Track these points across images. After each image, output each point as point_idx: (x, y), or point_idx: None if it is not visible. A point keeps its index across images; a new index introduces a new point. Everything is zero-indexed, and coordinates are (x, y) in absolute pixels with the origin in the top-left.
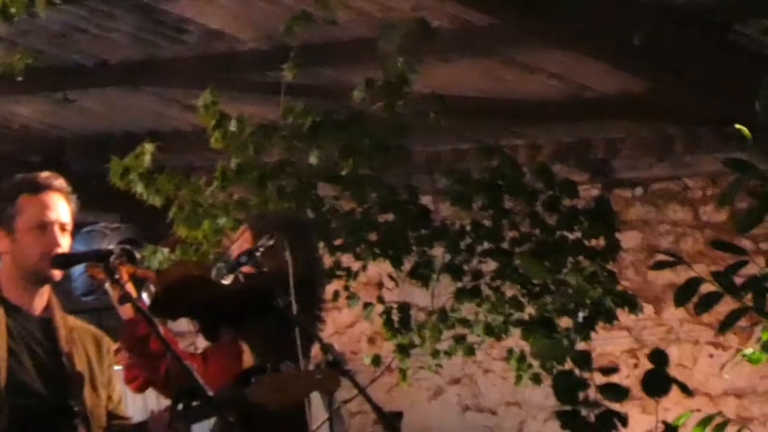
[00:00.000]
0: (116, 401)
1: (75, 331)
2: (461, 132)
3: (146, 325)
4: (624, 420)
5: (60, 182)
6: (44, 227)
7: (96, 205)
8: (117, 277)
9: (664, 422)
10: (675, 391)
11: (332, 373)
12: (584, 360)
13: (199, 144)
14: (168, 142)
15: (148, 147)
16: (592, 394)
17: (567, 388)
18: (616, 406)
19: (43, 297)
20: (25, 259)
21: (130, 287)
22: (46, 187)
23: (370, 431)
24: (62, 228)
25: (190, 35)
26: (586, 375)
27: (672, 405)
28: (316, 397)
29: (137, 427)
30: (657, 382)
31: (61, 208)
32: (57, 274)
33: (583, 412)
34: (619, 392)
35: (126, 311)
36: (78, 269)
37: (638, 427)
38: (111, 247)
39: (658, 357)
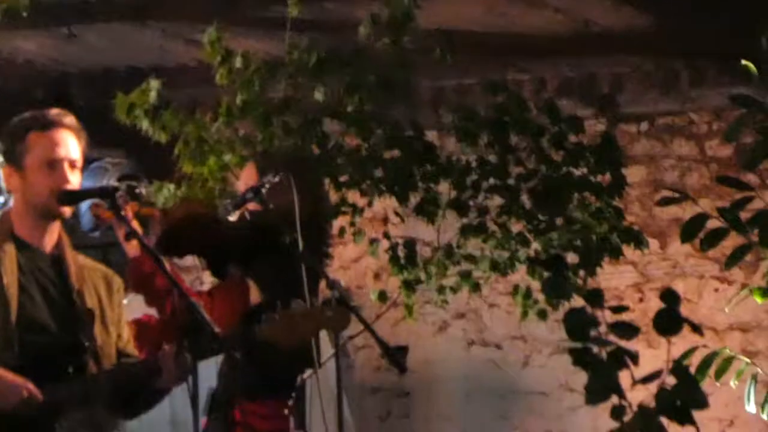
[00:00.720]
0: (126, 339)
1: (85, 269)
2: (466, 67)
3: (152, 263)
4: (635, 357)
5: (70, 119)
6: (54, 165)
7: (101, 140)
8: (123, 213)
9: (675, 361)
10: None
11: (342, 311)
12: (596, 298)
13: (204, 79)
14: (172, 77)
15: (154, 83)
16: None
17: (578, 325)
18: (625, 343)
19: (53, 234)
20: (35, 196)
21: (135, 224)
22: (56, 124)
23: (375, 365)
24: (72, 165)
25: None
26: (597, 312)
27: (678, 339)
28: (323, 332)
29: (146, 364)
30: (669, 322)
31: (70, 145)
32: (67, 210)
33: (595, 349)
34: (629, 330)
35: (132, 249)
36: (85, 205)
37: (644, 360)
38: (116, 183)
39: (670, 297)
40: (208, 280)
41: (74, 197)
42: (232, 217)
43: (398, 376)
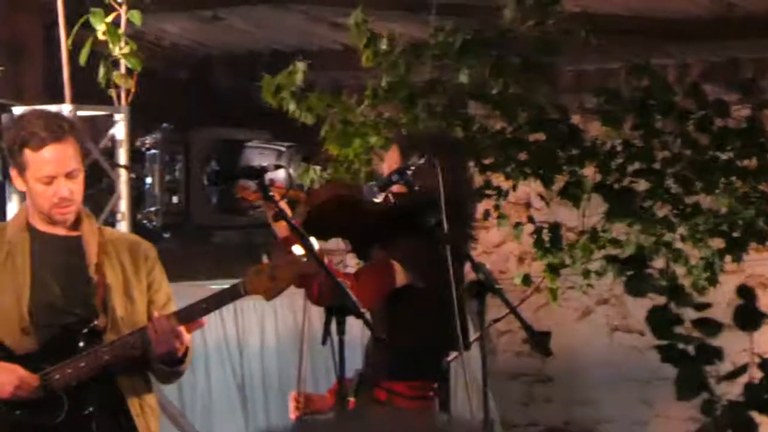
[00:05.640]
0: (161, 304)
1: (110, 243)
2: (609, 51)
3: (300, 244)
4: (720, 354)
5: (59, 132)
6: (50, 180)
7: (243, 122)
8: (270, 194)
9: (760, 355)
10: None
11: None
12: (677, 294)
13: (347, 62)
14: (315, 60)
15: (300, 65)
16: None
17: (661, 323)
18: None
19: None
20: (38, 205)
21: (284, 205)
22: (46, 141)
23: (517, 351)
24: (69, 176)
25: None
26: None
27: None
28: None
29: (140, 333)
30: (747, 317)
31: (64, 158)
32: (69, 217)
33: (681, 345)
34: (712, 327)
35: (281, 230)
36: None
37: None
38: (265, 164)
39: (746, 293)
40: (352, 263)
41: (224, 177)
42: (378, 199)
43: (540, 362)
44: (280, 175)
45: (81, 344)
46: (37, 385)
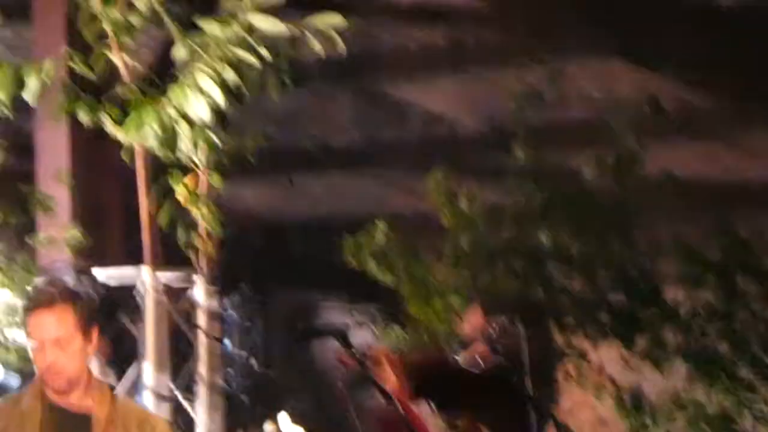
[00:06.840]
0: None
1: (119, 419)
2: (685, 214)
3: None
4: None
5: (47, 299)
6: (38, 346)
7: (318, 285)
8: (361, 359)
9: None
10: None
11: None
12: None
13: (420, 228)
14: (389, 225)
15: (380, 225)
16: None
17: None
18: None
19: (82, 394)
20: (38, 369)
21: (387, 369)
22: (35, 306)
23: None
24: (55, 343)
25: (412, 118)
26: None
27: None
28: None
29: None
30: None
31: (50, 325)
32: (60, 386)
33: None
34: None
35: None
36: None
37: None
38: (347, 322)
39: None
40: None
41: (309, 334)
42: (458, 358)
43: None
44: (363, 334)
45: None
46: None
